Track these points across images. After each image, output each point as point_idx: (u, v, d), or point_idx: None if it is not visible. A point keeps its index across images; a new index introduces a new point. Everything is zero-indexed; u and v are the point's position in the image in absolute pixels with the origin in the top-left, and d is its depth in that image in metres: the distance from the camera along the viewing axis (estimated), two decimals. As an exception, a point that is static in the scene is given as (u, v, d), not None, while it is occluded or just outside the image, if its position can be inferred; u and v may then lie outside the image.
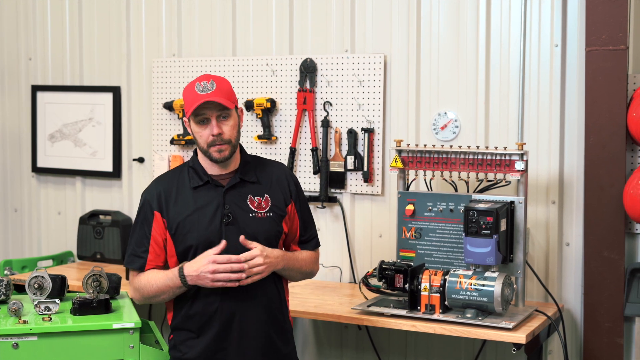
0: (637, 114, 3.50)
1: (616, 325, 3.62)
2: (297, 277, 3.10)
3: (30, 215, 5.17)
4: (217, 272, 2.80)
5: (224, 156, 2.90)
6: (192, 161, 3.01)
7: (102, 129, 4.85)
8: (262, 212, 2.95)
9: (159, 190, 2.98)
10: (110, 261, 4.63)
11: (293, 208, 3.04)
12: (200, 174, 2.97)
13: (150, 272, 2.95)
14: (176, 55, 4.65)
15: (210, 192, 2.94)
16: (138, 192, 4.79)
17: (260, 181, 3.00)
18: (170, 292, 2.92)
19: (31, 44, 5.09)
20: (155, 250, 2.96)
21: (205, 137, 2.89)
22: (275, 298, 2.99)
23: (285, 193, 3.02)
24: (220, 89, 2.87)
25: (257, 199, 2.96)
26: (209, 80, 2.88)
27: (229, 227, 2.90)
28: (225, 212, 2.91)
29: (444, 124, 4.01)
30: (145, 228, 2.96)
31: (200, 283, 2.84)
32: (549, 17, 3.80)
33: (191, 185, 2.96)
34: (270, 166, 3.08)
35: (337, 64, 4.21)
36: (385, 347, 4.19)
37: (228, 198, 2.94)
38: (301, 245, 3.11)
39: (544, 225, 3.85)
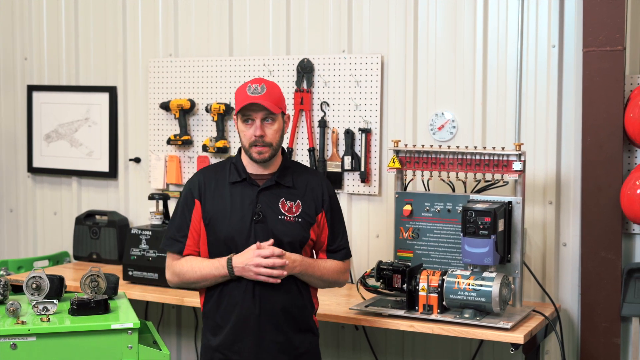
0: (634, 115, 3.51)
1: (613, 325, 3.62)
2: (319, 284, 3.18)
3: (26, 215, 5.15)
4: (261, 266, 2.95)
5: (263, 158, 3.04)
6: (236, 158, 3.16)
7: (98, 129, 4.84)
8: (291, 217, 3.08)
9: (200, 180, 3.13)
10: (106, 261, 4.62)
11: (323, 217, 3.15)
12: (239, 170, 3.11)
13: (194, 259, 3.08)
14: (173, 55, 4.65)
15: (245, 190, 3.08)
16: (134, 193, 4.79)
17: (296, 187, 3.12)
18: (213, 280, 3.05)
19: (27, 44, 5.07)
20: (194, 236, 3.10)
21: (248, 136, 3.04)
22: (297, 300, 3.10)
23: (317, 202, 3.14)
24: (270, 94, 3.02)
25: (289, 203, 3.09)
26: (260, 83, 3.04)
27: (257, 225, 3.04)
28: (256, 211, 3.04)
29: (441, 124, 4.02)
30: (187, 214, 3.11)
31: (245, 275, 2.98)
32: (546, 17, 3.81)
33: (230, 180, 3.09)
34: (308, 174, 3.21)
35: (334, 64, 4.21)
36: (382, 347, 4.20)
37: (261, 198, 3.07)
38: (329, 255, 3.20)
39: (541, 226, 3.86)
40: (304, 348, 3.12)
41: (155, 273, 4.05)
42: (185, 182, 4.55)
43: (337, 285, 3.25)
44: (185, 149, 4.58)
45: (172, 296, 3.93)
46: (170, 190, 4.61)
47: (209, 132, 4.52)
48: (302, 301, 3.12)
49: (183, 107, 4.50)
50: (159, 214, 4.27)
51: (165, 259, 3.20)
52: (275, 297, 3.03)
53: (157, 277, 4.04)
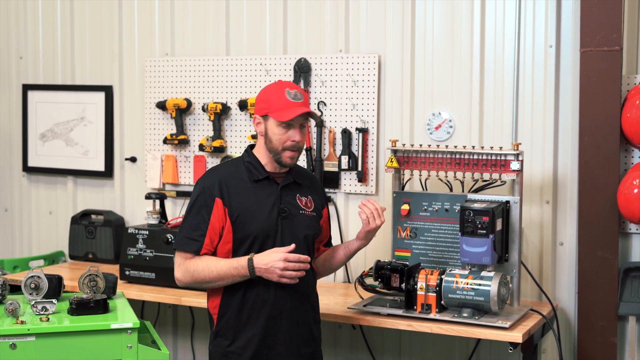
0: (631, 115, 3.53)
1: (610, 324, 3.64)
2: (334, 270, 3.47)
3: (21, 215, 5.14)
4: (287, 270, 3.00)
5: (294, 162, 3.16)
6: (248, 157, 3.18)
7: (94, 129, 4.83)
8: (308, 211, 3.21)
9: (219, 179, 3.13)
10: (102, 261, 4.61)
11: (326, 213, 3.35)
12: (259, 170, 3.16)
13: (209, 258, 3.08)
14: (169, 54, 4.64)
15: (267, 187, 3.15)
16: (130, 192, 4.78)
17: (304, 184, 3.25)
18: (230, 280, 3.06)
19: (22, 43, 5.06)
20: (211, 236, 3.09)
21: (283, 140, 3.09)
22: (314, 289, 3.27)
23: (321, 198, 3.32)
24: (306, 99, 3.15)
25: (304, 199, 3.22)
26: (298, 89, 3.12)
27: (284, 221, 3.13)
28: (281, 207, 3.13)
29: (438, 124, 4.03)
30: (204, 213, 3.08)
31: (267, 276, 3.02)
32: (544, 17, 3.82)
33: (252, 179, 3.14)
34: (308, 173, 3.39)
35: (331, 64, 4.22)
36: (379, 346, 4.20)
37: (283, 195, 3.16)
38: (326, 246, 3.42)
39: (538, 225, 3.87)
40: (318, 339, 3.27)
41: (152, 272, 4.04)
42: (182, 182, 4.57)
43: None
44: (182, 149, 4.58)
45: (170, 296, 3.92)
46: (167, 190, 4.61)
47: (206, 132, 4.51)
48: (316, 291, 3.27)
49: (179, 106, 4.49)
50: (155, 213, 4.26)
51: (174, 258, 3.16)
52: (304, 289, 3.16)
53: (154, 276, 4.04)
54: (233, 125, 4.44)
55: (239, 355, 3.09)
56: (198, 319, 4.58)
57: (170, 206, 4.55)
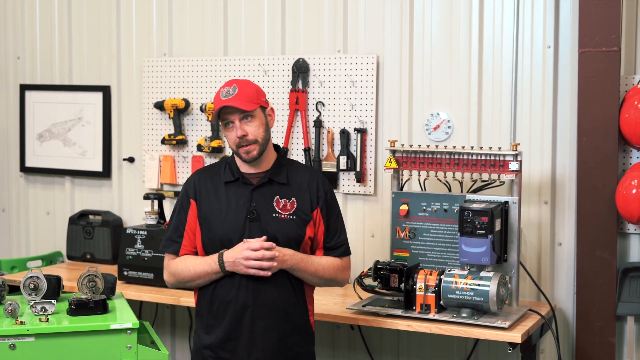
0: (629, 115, 3.53)
1: (608, 324, 3.65)
2: (315, 281, 3.14)
3: (19, 215, 5.13)
4: (250, 259, 2.94)
5: (252, 156, 3.04)
6: (231, 158, 3.16)
7: (91, 129, 4.82)
8: (285, 214, 3.06)
9: (196, 181, 3.14)
10: (100, 261, 4.60)
11: (319, 214, 3.12)
12: (233, 170, 3.12)
13: (188, 258, 3.09)
14: (167, 54, 4.64)
15: (240, 189, 3.08)
16: (128, 192, 4.78)
17: (290, 184, 3.11)
18: (206, 277, 3.04)
19: (19, 43, 5.05)
20: (189, 236, 3.10)
21: (232, 139, 3.04)
22: (291, 298, 3.07)
23: (313, 198, 3.11)
24: (242, 93, 3.01)
25: (283, 201, 3.08)
26: (231, 85, 3.04)
27: (252, 224, 3.03)
28: (250, 209, 3.04)
29: (436, 124, 4.03)
30: (182, 215, 3.11)
31: (236, 269, 2.98)
32: (542, 18, 3.82)
33: (224, 180, 3.10)
34: (304, 171, 3.19)
35: (329, 64, 4.22)
36: (377, 347, 4.20)
37: (255, 196, 3.06)
38: (326, 252, 3.15)
39: (536, 225, 3.87)
40: (299, 350, 3.10)
41: (151, 273, 4.04)
42: (180, 182, 4.56)
43: (336, 283, 3.21)
44: (180, 149, 4.57)
45: (168, 296, 3.92)
46: (165, 190, 4.60)
47: (204, 132, 4.51)
48: (297, 300, 3.09)
49: (178, 106, 4.49)
50: (154, 213, 4.26)
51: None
52: (269, 294, 3.02)
53: (153, 277, 4.04)
54: (231, 125, 4.43)
55: (203, 354, 3.09)
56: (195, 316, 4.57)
57: (168, 206, 4.54)
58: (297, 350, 3.09)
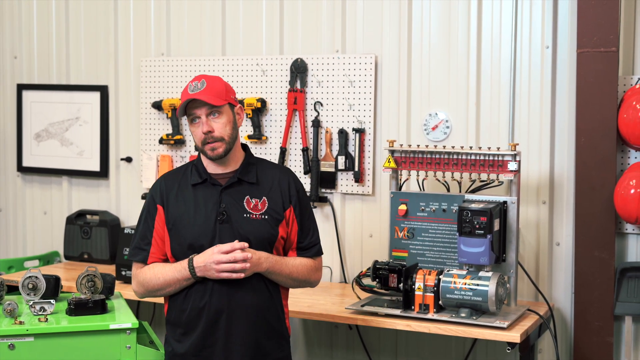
0: (627, 116, 3.54)
1: (606, 324, 3.65)
2: (289, 283, 3.06)
3: (16, 215, 5.12)
4: (221, 263, 2.84)
5: (218, 154, 2.94)
6: (197, 159, 3.06)
7: (89, 128, 4.82)
8: (257, 214, 2.97)
9: (162, 185, 3.04)
10: (97, 261, 4.59)
11: (292, 213, 3.03)
12: (200, 172, 3.01)
13: (156, 266, 2.98)
14: (165, 54, 4.63)
15: (208, 190, 2.98)
16: (126, 192, 4.77)
17: (260, 183, 3.02)
18: (177, 285, 2.94)
19: (16, 42, 5.04)
20: (158, 244, 3.00)
21: (198, 135, 2.94)
22: (267, 302, 2.99)
23: (285, 197, 3.02)
24: (211, 88, 2.92)
25: (254, 201, 2.98)
26: (200, 80, 2.94)
27: (222, 225, 2.93)
28: (220, 211, 2.94)
29: (434, 124, 4.03)
30: (149, 222, 3.00)
31: (208, 274, 2.87)
32: (540, 18, 3.83)
33: (191, 182, 3.01)
34: (274, 169, 3.11)
35: (328, 64, 4.22)
36: (375, 346, 4.21)
37: (224, 197, 2.97)
38: (299, 252, 3.08)
39: (535, 225, 3.88)
40: (276, 355, 3.02)
41: (149, 273, 4.03)
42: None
43: (308, 284, 3.13)
44: (178, 149, 4.57)
45: (166, 296, 3.91)
46: (162, 190, 4.60)
47: (202, 132, 4.50)
48: (272, 303, 3.01)
49: (175, 106, 4.49)
50: (152, 213, 4.25)
51: None
52: (244, 298, 2.93)
53: (151, 277, 4.03)
54: (229, 125, 4.43)
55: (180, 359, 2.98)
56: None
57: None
58: (274, 355, 3.01)
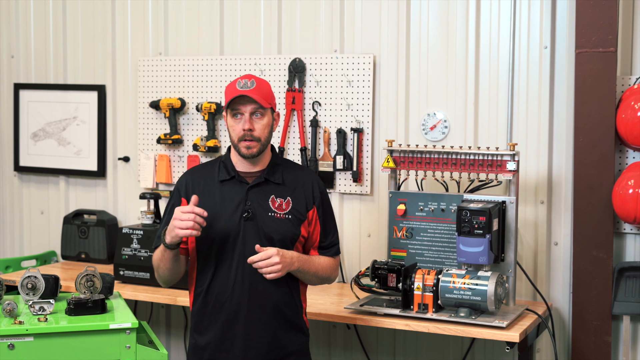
0: (626, 116, 3.55)
1: (604, 323, 3.66)
2: (313, 281, 3.17)
3: (13, 214, 5.11)
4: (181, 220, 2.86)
5: (252, 153, 3.02)
6: (225, 156, 3.14)
7: (86, 128, 4.81)
8: (281, 213, 3.05)
9: (188, 180, 3.13)
10: (95, 261, 4.58)
11: (315, 214, 3.12)
12: (229, 168, 3.09)
13: None
14: (163, 54, 4.63)
15: (235, 187, 3.06)
16: (123, 192, 4.77)
17: (286, 183, 3.10)
18: (165, 260, 3.01)
19: (13, 41, 5.03)
20: None
21: (237, 131, 3.01)
22: (287, 297, 3.07)
23: (308, 198, 3.11)
24: (259, 88, 3.01)
25: (278, 200, 3.07)
26: (250, 78, 3.03)
27: (247, 222, 3.01)
28: (245, 208, 3.02)
29: (433, 124, 4.04)
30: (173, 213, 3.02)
31: (173, 234, 2.90)
32: (538, 19, 3.84)
33: (218, 179, 3.08)
34: (298, 171, 3.19)
35: (326, 64, 4.22)
36: (373, 346, 4.21)
37: (251, 195, 3.04)
38: (321, 251, 3.17)
39: (533, 225, 3.89)
40: (293, 348, 3.10)
41: (147, 272, 4.03)
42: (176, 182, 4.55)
43: (328, 281, 3.23)
44: (176, 148, 4.57)
45: (165, 295, 3.91)
46: (160, 190, 4.59)
47: (200, 132, 4.50)
48: (292, 298, 3.09)
49: (173, 106, 4.48)
50: (150, 213, 4.25)
51: None
52: (265, 292, 3.01)
53: (149, 276, 4.03)
54: (227, 125, 4.43)
55: (199, 355, 3.09)
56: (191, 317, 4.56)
57: (163, 206, 4.51)
58: (292, 348, 3.09)
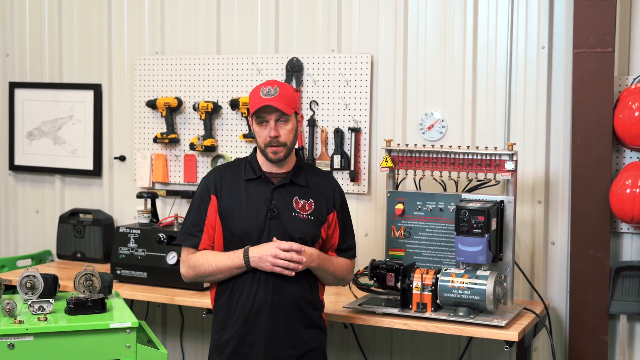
0: (623, 116, 3.57)
1: (601, 322, 3.68)
2: (330, 280, 3.31)
3: (7, 214, 5.09)
4: (278, 258, 3.05)
5: (279, 157, 3.16)
6: (251, 157, 3.28)
7: (82, 127, 4.79)
8: (304, 214, 3.19)
9: (217, 177, 3.24)
10: (91, 260, 4.57)
11: (335, 217, 3.28)
12: (255, 168, 3.23)
13: (209, 252, 3.19)
14: (159, 52, 4.61)
15: (261, 187, 3.20)
16: (119, 191, 4.76)
17: (309, 186, 3.25)
18: (227, 272, 3.14)
19: (9, 40, 5.01)
20: (209, 231, 3.20)
21: (263, 137, 3.15)
22: (308, 295, 3.21)
23: (329, 202, 3.26)
24: (283, 95, 3.13)
25: (302, 201, 3.21)
26: (273, 85, 3.15)
27: (272, 221, 3.15)
28: (271, 207, 3.15)
29: (430, 124, 4.04)
30: (202, 210, 3.21)
31: (261, 266, 3.08)
32: (536, 19, 3.85)
33: (245, 177, 3.21)
34: (320, 176, 3.35)
35: (323, 64, 4.22)
36: (370, 345, 4.21)
37: (276, 195, 3.18)
38: (339, 253, 3.33)
39: (530, 225, 3.90)
40: (313, 344, 3.22)
41: (144, 272, 4.02)
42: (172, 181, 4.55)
43: (343, 283, 3.39)
44: (172, 147, 4.56)
45: (163, 295, 3.90)
46: (156, 189, 4.58)
47: (196, 131, 4.50)
48: (312, 297, 3.23)
49: (170, 105, 4.47)
50: (147, 212, 4.24)
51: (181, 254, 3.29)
52: (288, 290, 3.13)
53: (146, 276, 4.02)
54: (224, 124, 4.43)
55: (222, 350, 3.18)
56: (187, 318, 4.57)
57: (160, 205, 4.52)
58: (312, 344, 3.22)
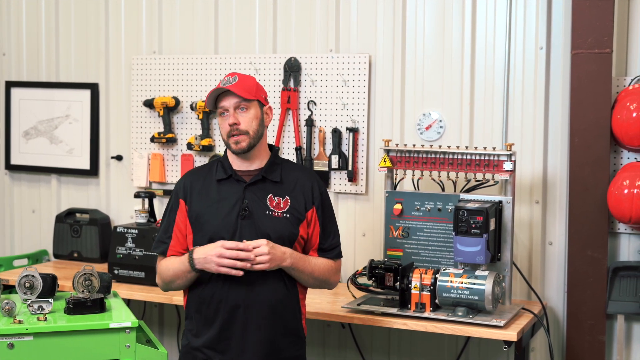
0: (621, 117, 3.58)
1: (599, 322, 3.69)
2: (310, 282, 3.11)
3: (4, 213, 5.07)
4: (223, 257, 2.87)
5: (241, 147, 3.00)
6: (223, 156, 3.14)
7: (79, 126, 4.79)
8: (278, 212, 3.01)
9: (187, 181, 3.11)
10: (87, 260, 4.56)
11: (314, 214, 3.08)
12: (226, 168, 3.08)
13: (170, 259, 3.06)
14: (157, 52, 4.61)
15: (232, 186, 3.04)
16: (116, 191, 4.75)
17: (284, 182, 3.06)
18: (183, 277, 3.01)
19: (5, 39, 4.99)
20: (178, 237, 3.06)
21: (225, 129, 3.01)
22: (284, 299, 3.02)
23: (307, 198, 3.07)
24: (242, 83, 3.01)
25: (276, 199, 3.03)
26: (232, 75, 3.03)
27: (244, 221, 2.98)
28: (242, 207, 2.99)
29: (428, 124, 4.05)
30: (171, 216, 3.08)
31: (207, 267, 2.91)
32: (534, 19, 3.86)
33: (216, 178, 3.07)
34: (298, 171, 3.16)
35: (321, 64, 4.22)
36: (368, 345, 4.22)
37: (248, 194, 3.02)
38: (321, 254, 3.12)
39: (528, 225, 3.91)
40: (289, 353, 3.05)
41: (142, 272, 4.02)
42: (169, 181, 4.55)
43: (327, 285, 3.19)
44: (169, 147, 4.55)
45: (159, 295, 3.90)
46: (154, 189, 4.58)
47: (194, 130, 4.49)
48: (290, 301, 3.05)
49: (167, 104, 4.47)
50: (144, 212, 4.23)
51: None
52: (262, 294, 2.96)
53: (144, 275, 4.02)
54: (222, 124, 4.42)
55: (193, 356, 3.04)
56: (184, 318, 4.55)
57: (157, 205, 4.51)
58: (287, 353, 3.04)
